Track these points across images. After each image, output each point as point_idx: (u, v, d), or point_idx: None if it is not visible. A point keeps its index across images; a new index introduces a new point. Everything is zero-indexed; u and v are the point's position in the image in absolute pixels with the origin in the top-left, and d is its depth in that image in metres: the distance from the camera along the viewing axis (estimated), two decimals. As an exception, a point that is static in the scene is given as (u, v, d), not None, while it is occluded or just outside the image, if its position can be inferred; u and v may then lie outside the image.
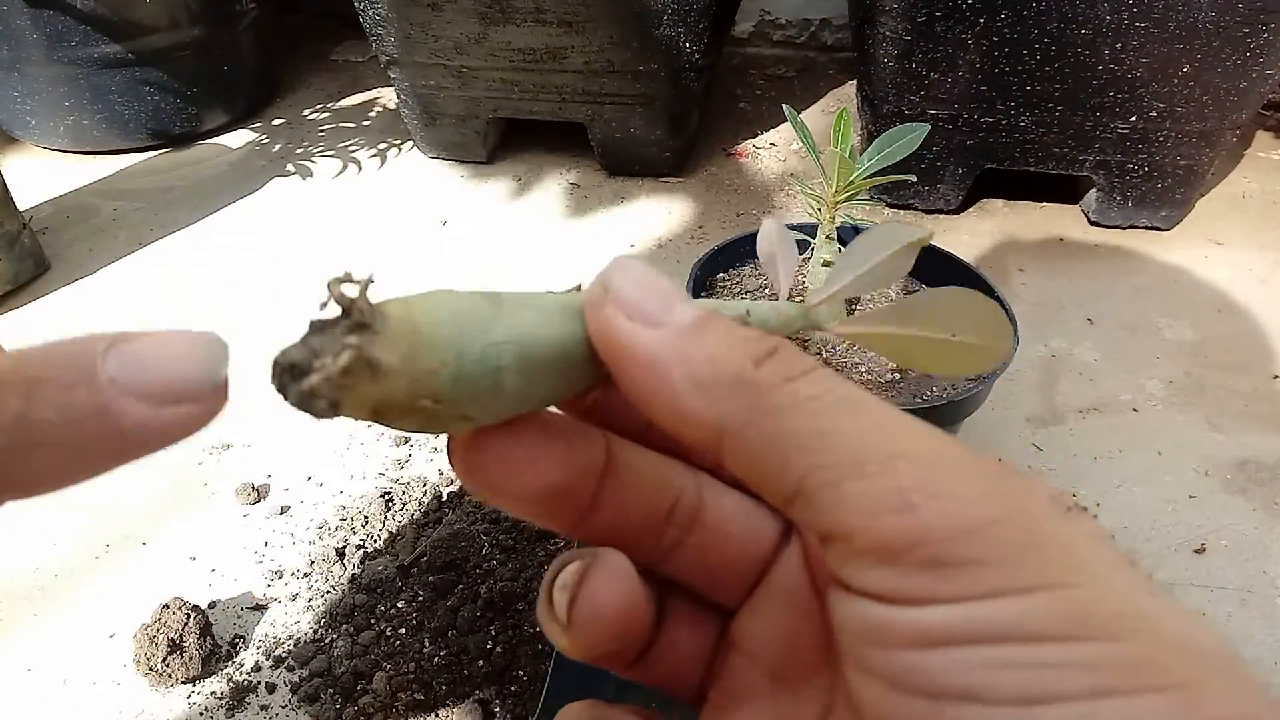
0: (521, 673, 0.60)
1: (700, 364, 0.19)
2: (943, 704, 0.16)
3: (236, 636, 0.66)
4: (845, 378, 0.20)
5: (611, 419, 0.24)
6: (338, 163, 1.24)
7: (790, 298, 0.26)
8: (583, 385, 0.21)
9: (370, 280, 0.17)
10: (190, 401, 0.17)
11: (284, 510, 0.76)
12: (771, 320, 0.25)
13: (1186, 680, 0.15)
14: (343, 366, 0.16)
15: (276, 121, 1.33)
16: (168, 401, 0.17)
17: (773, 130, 1.29)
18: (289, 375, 0.16)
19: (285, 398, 0.16)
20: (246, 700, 0.62)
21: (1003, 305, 0.74)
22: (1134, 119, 0.97)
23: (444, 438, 0.20)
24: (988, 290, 0.76)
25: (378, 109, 1.37)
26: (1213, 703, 0.15)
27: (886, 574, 0.17)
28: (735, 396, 0.18)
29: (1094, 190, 1.05)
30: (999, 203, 1.12)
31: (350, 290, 0.17)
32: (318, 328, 0.17)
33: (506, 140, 1.25)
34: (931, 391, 0.65)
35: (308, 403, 0.16)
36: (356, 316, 0.16)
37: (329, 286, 0.17)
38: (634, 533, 0.24)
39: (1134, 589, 0.17)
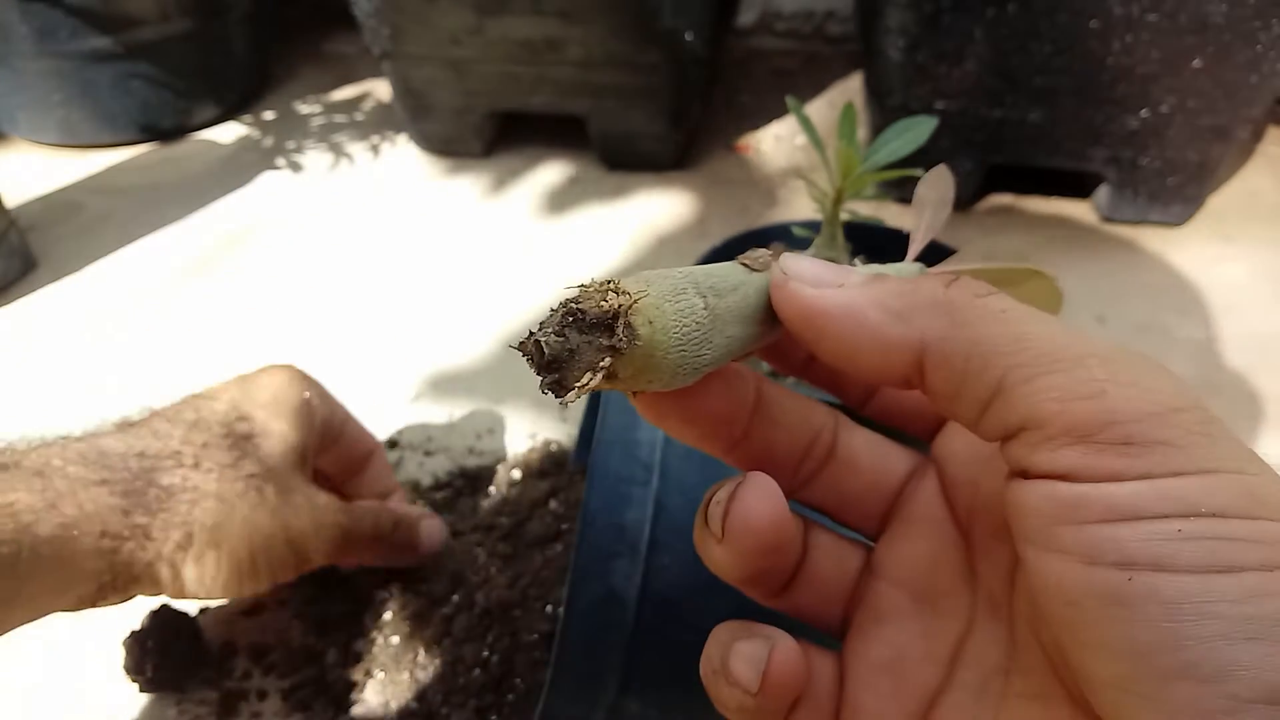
0: (519, 681, 0.59)
1: (894, 298, 0.22)
2: (1133, 573, 0.17)
3: (226, 643, 0.64)
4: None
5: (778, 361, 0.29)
6: (330, 156, 1.22)
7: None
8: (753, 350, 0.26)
9: (630, 316, 0.20)
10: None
11: (275, 514, 0.74)
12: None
13: None
14: (596, 378, 0.20)
15: (267, 115, 1.31)
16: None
17: (776, 124, 1.27)
18: (548, 364, 0.20)
19: (536, 372, 0.20)
20: (237, 708, 0.60)
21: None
22: (1145, 113, 0.95)
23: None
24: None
25: (371, 102, 1.35)
26: None
27: (1080, 453, 0.19)
28: (933, 316, 0.21)
29: (1105, 185, 1.04)
30: (1008, 198, 1.10)
31: (614, 301, 0.20)
32: (575, 320, 0.20)
33: (503, 134, 1.23)
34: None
35: (554, 388, 0.20)
36: (615, 341, 0.20)
37: (612, 297, 0.20)
38: (778, 462, 0.27)
39: None
